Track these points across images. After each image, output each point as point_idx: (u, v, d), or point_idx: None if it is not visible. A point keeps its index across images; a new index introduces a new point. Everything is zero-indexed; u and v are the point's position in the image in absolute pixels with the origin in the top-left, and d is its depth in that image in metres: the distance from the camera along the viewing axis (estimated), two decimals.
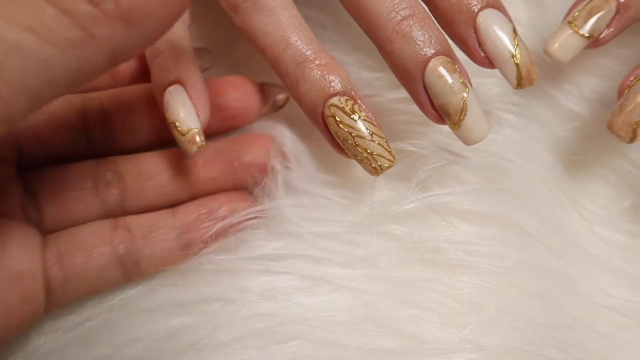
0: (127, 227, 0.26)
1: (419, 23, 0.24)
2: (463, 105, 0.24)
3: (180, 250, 0.27)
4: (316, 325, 0.26)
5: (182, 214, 0.27)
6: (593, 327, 0.27)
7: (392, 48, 0.24)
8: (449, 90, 0.24)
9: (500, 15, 0.25)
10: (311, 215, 0.28)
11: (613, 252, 0.30)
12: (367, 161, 0.25)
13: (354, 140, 0.25)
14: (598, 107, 0.32)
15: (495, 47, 0.25)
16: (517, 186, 0.30)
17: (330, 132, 0.25)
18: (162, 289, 0.27)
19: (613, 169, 0.32)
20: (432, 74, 0.24)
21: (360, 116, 0.25)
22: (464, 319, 0.26)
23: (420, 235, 0.27)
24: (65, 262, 0.25)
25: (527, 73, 0.25)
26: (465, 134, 0.25)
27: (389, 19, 0.24)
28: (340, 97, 0.25)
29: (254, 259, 0.27)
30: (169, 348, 0.25)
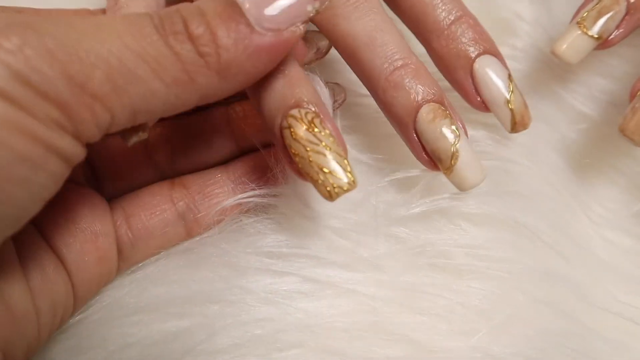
0: (183, 185, 0.27)
1: (411, 73, 0.24)
2: (454, 151, 0.24)
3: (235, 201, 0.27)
4: (319, 333, 0.25)
5: (235, 167, 0.28)
6: (604, 335, 0.27)
7: (385, 97, 0.25)
8: (439, 136, 0.24)
9: (497, 61, 0.26)
10: (317, 208, 0.26)
11: (623, 257, 0.29)
12: (321, 182, 0.22)
13: (308, 155, 0.22)
14: (607, 108, 0.31)
15: (491, 93, 0.26)
16: (524, 189, 0.29)
17: (286, 146, 0.22)
18: (156, 288, 0.26)
19: (622, 172, 0.31)
20: (423, 121, 0.24)
21: (320, 130, 0.22)
22: (473, 326, 0.25)
23: (427, 239, 0.26)
24: (132, 222, 0.26)
25: (521, 118, 0.26)
26: (458, 179, 0.25)
27: (382, 69, 0.25)
28: (300, 109, 0.22)
29: (256, 253, 0.26)
30: (162, 354, 0.24)
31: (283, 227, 0.27)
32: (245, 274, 0.26)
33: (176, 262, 0.27)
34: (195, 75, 0.20)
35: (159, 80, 0.19)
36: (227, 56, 0.20)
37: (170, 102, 0.20)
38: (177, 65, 0.19)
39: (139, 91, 0.19)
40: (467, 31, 0.26)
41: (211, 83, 0.20)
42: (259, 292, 0.25)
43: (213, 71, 0.20)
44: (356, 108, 0.31)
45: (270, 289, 0.25)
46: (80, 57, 0.18)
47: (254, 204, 0.27)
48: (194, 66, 0.19)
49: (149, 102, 0.19)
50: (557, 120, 0.31)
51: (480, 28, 0.26)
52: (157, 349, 0.25)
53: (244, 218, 0.27)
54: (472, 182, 0.25)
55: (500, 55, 0.26)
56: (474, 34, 0.26)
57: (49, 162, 0.18)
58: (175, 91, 0.19)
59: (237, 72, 0.20)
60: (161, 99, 0.19)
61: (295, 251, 0.26)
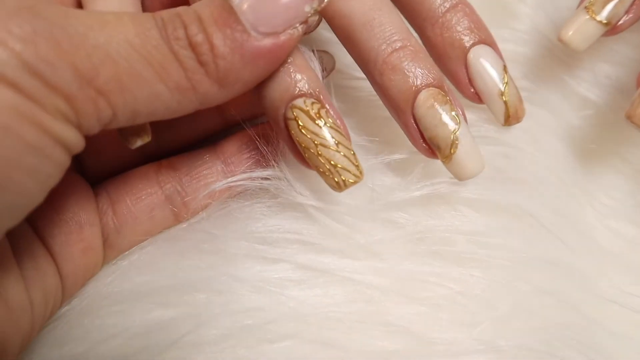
0: (171, 167, 0.27)
1: (410, 55, 0.23)
2: (454, 138, 0.23)
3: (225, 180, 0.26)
4: (313, 323, 0.23)
5: (223, 147, 0.27)
6: (609, 326, 0.26)
7: (383, 80, 0.24)
8: (438, 122, 0.23)
9: (492, 52, 0.25)
10: (310, 191, 0.25)
11: (628, 247, 0.28)
12: (329, 174, 0.22)
13: (317, 149, 0.22)
14: (613, 94, 0.30)
15: (485, 84, 0.25)
16: (527, 176, 0.28)
17: (292, 137, 0.23)
18: (141, 276, 0.24)
19: (628, 160, 0.30)
20: (421, 106, 0.23)
21: (327, 122, 0.22)
22: (475, 317, 0.24)
23: (427, 225, 0.25)
24: (117, 208, 0.26)
25: (515, 111, 0.25)
26: (457, 168, 0.24)
27: (379, 51, 0.23)
28: (305, 99, 0.22)
29: (246, 239, 0.24)
30: (147, 345, 0.23)
31: (274, 212, 0.25)
32: (234, 261, 0.24)
33: (162, 249, 0.26)
34: (197, 83, 0.20)
35: (163, 84, 0.19)
36: (224, 65, 0.20)
37: (171, 106, 0.20)
38: (180, 72, 0.20)
39: (142, 92, 0.19)
40: (463, 20, 0.25)
41: (211, 91, 0.20)
42: (248, 280, 0.24)
43: (213, 80, 0.20)
44: (352, 91, 0.29)
45: (260, 276, 0.24)
46: (88, 52, 0.18)
47: (244, 188, 0.26)
48: (195, 74, 0.20)
49: (151, 104, 0.19)
50: (560, 106, 0.31)
51: (476, 17, 0.25)
52: (142, 340, 0.23)
53: (233, 202, 0.26)
54: (471, 172, 0.24)
55: (496, 45, 0.25)
56: (470, 22, 0.25)
57: (55, 151, 0.18)
58: (177, 97, 0.20)
59: (235, 80, 0.20)
60: (163, 102, 0.20)
61: (288, 237, 0.25)
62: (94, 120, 0.19)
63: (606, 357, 0.25)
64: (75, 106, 0.18)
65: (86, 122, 0.18)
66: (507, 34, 0.31)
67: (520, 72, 0.31)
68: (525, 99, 0.30)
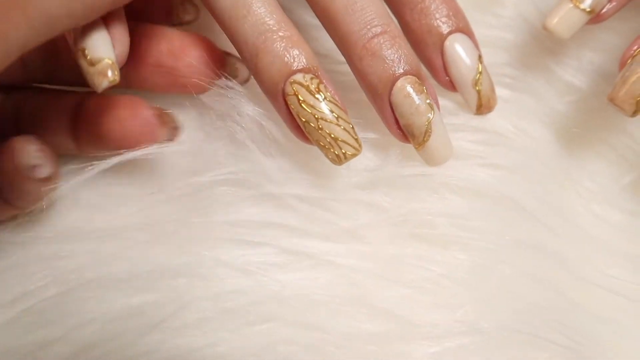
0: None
1: (390, 41, 0.24)
2: (427, 127, 0.24)
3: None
4: (295, 306, 0.23)
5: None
6: (593, 310, 0.26)
7: (362, 65, 0.24)
8: (414, 111, 0.24)
9: (468, 40, 0.25)
10: (291, 176, 0.25)
11: (612, 231, 0.28)
12: (330, 147, 0.23)
13: (318, 123, 0.23)
14: (597, 80, 0.30)
15: (459, 72, 0.25)
16: (510, 162, 0.28)
17: (291, 112, 0.23)
18: (119, 262, 0.24)
19: (611, 145, 0.30)
20: (398, 93, 0.24)
21: (326, 97, 0.23)
22: (458, 299, 0.24)
23: (410, 208, 0.25)
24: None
25: (487, 101, 0.26)
26: (428, 155, 0.25)
27: (359, 36, 0.24)
28: (304, 74, 0.23)
29: (228, 223, 0.24)
30: (126, 329, 0.23)
31: (256, 200, 0.25)
32: (216, 246, 0.24)
33: (142, 236, 0.25)
34: None
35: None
36: None
37: (89, 2, 0.19)
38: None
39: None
40: (441, 7, 0.25)
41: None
42: (231, 263, 0.24)
43: None
44: (336, 75, 0.29)
45: (243, 260, 0.24)
46: None
47: (225, 178, 0.25)
48: None
49: (69, 6, 0.18)
50: (545, 92, 0.30)
51: (454, 4, 0.26)
52: (120, 325, 0.23)
53: (215, 189, 0.25)
54: (441, 159, 0.25)
55: (473, 34, 0.26)
56: (448, 10, 0.25)
57: None
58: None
59: None
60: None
61: (270, 221, 0.24)
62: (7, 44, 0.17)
63: (589, 340, 0.25)
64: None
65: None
66: (492, 20, 0.31)
67: (505, 58, 0.30)
68: (509, 85, 0.30)
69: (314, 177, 0.25)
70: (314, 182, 0.26)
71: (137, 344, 0.22)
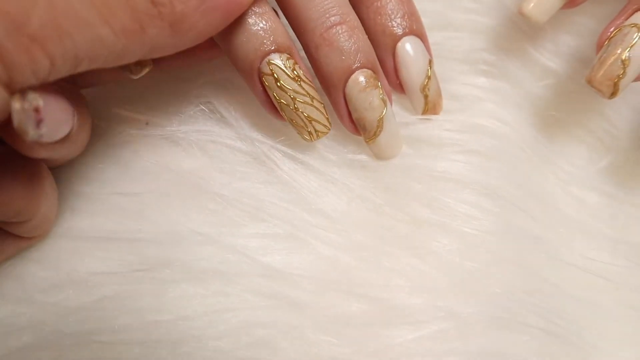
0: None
1: (348, 32, 0.23)
2: (379, 122, 0.24)
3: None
4: (274, 288, 0.23)
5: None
6: (572, 292, 0.26)
7: (318, 54, 0.24)
8: (367, 106, 0.24)
9: (420, 44, 0.25)
10: (270, 157, 0.25)
11: (589, 213, 0.28)
12: (304, 126, 0.23)
13: (294, 104, 0.23)
14: (573, 64, 0.30)
15: (409, 76, 0.26)
16: (487, 148, 0.28)
17: (266, 91, 0.23)
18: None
19: (588, 128, 0.30)
20: (353, 87, 0.24)
21: (302, 78, 0.23)
22: (435, 284, 0.24)
23: (389, 194, 0.25)
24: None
25: (433, 106, 0.27)
26: (378, 149, 0.25)
27: (318, 24, 0.23)
28: (280, 54, 0.23)
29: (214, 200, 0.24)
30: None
31: (234, 176, 0.25)
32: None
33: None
34: (147, 25, 0.18)
35: (108, 26, 0.17)
36: (181, 8, 0.19)
37: (117, 51, 0.18)
38: (128, 12, 0.18)
39: (84, 37, 0.17)
40: (397, 7, 0.25)
41: (162, 36, 0.19)
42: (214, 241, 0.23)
43: (166, 23, 0.19)
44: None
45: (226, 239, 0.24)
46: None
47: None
48: (146, 15, 0.18)
49: (94, 50, 0.17)
50: (521, 76, 0.30)
51: (411, 5, 0.26)
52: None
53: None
54: (391, 155, 0.25)
55: (426, 37, 0.26)
56: (404, 11, 0.25)
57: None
58: (124, 40, 0.18)
59: (189, 28, 0.19)
60: (108, 47, 0.18)
61: (244, 201, 0.24)
62: (29, 73, 0.16)
63: (568, 322, 0.25)
64: (5, 60, 0.16)
65: (19, 77, 0.16)
66: (470, 4, 0.31)
67: (482, 42, 0.30)
68: (486, 71, 0.30)
69: (295, 160, 0.25)
70: (296, 167, 0.26)
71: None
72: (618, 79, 0.24)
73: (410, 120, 0.27)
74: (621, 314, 0.26)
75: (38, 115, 0.17)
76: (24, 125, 0.17)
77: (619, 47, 0.24)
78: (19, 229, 0.23)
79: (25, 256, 0.24)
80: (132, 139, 0.26)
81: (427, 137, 0.27)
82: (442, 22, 0.30)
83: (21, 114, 0.17)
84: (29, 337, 0.22)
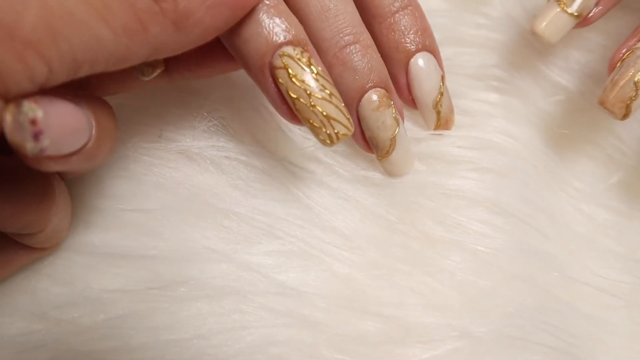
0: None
1: (361, 52, 0.23)
2: (392, 141, 0.24)
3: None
4: (288, 306, 0.23)
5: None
6: (583, 310, 0.26)
7: (332, 73, 0.23)
8: (380, 125, 0.24)
9: (433, 60, 0.26)
10: (280, 175, 0.25)
11: (600, 230, 0.29)
12: (321, 127, 0.21)
13: (310, 99, 0.21)
14: (584, 80, 0.30)
15: (421, 92, 0.26)
16: (499, 165, 0.28)
17: (279, 88, 0.21)
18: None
19: (599, 145, 0.30)
20: (366, 107, 0.24)
21: (318, 72, 0.21)
22: (449, 302, 0.24)
23: (402, 212, 0.25)
24: None
25: (445, 122, 0.27)
26: (390, 167, 0.25)
27: (331, 43, 0.23)
28: (294, 47, 0.21)
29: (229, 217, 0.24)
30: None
31: (249, 193, 0.25)
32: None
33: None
34: (148, 23, 0.17)
35: (107, 26, 0.16)
36: (185, 4, 0.18)
37: (118, 53, 0.17)
38: (128, 10, 0.17)
39: (81, 38, 0.16)
40: (410, 23, 0.25)
41: (166, 34, 0.18)
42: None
43: (169, 20, 0.18)
44: None
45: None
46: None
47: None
48: (147, 13, 0.17)
49: (94, 52, 0.16)
50: (532, 92, 0.30)
51: (424, 21, 0.26)
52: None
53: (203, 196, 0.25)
54: (403, 172, 0.26)
55: (439, 53, 0.26)
56: (417, 27, 0.25)
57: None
58: (125, 40, 0.17)
59: (195, 24, 0.18)
60: (108, 48, 0.17)
61: (259, 219, 0.24)
62: (25, 81, 0.15)
63: (579, 339, 0.25)
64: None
65: (14, 85, 0.15)
66: (481, 19, 0.31)
67: (493, 58, 0.30)
68: (497, 87, 0.30)
69: (306, 180, 0.25)
70: (305, 184, 0.26)
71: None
72: (630, 100, 0.24)
73: (422, 137, 0.27)
74: (631, 330, 0.27)
75: (35, 127, 0.16)
76: (19, 138, 0.16)
77: (632, 69, 0.24)
78: (30, 240, 0.23)
79: (38, 271, 0.24)
80: (146, 152, 0.26)
81: (440, 154, 0.27)
82: (454, 37, 0.30)
83: (14, 127, 0.16)
84: (44, 356, 0.22)
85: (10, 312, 0.24)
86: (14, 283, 0.24)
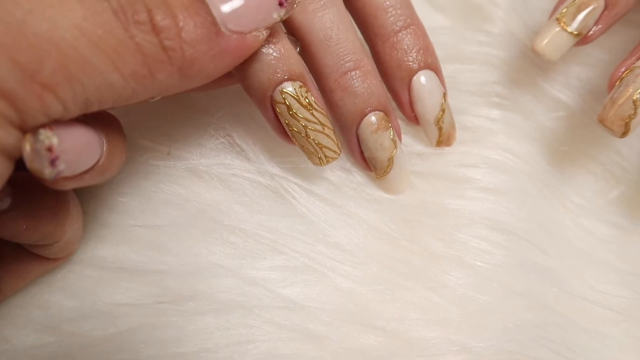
0: None
1: (362, 77, 0.25)
2: (389, 162, 0.26)
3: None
4: (292, 321, 0.24)
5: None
6: (582, 324, 0.26)
7: (333, 97, 0.25)
8: (378, 147, 0.25)
9: (435, 78, 0.26)
10: (282, 186, 0.26)
11: (599, 245, 0.29)
12: (314, 153, 0.24)
13: (306, 132, 0.23)
14: (584, 96, 0.31)
15: (423, 109, 0.27)
16: (499, 182, 0.28)
17: (278, 118, 0.24)
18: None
19: (598, 160, 0.30)
20: (365, 129, 0.25)
21: (314, 107, 0.23)
22: (450, 317, 0.24)
23: (405, 229, 0.26)
24: None
25: (447, 138, 0.28)
26: (388, 185, 0.26)
27: (333, 69, 0.25)
28: (293, 82, 0.23)
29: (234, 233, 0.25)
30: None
31: (254, 209, 0.26)
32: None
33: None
34: (156, 70, 0.19)
35: (117, 72, 0.18)
36: (191, 53, 0.19)
37: (126, 95, 0.18)
38: (138, 58, 0.18)
39: (94, 82, 0.17)
40: (413, 42, 0.26)
41: (171, 79, 0.19)
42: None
43: (175, 67, 0.19)
44: None
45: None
46: (29, 41, 0.16)
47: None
48: (155, 60, 0.18)
49: (104, 94, 0.18)
50: (533, 108, 0.31)
51: (426, 40, 0.26)
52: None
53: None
54: (400, 189, 0.27)
55: (440, 71, 0.27)
56: (419, 46, 0.26)
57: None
58: (133, 85, 0.18)
59: (198, 71, 0.19)
60: (117, 91, 0.18)
61: (264, 234, 0.25)
62: (42, 116, 0.17)
63: (579, 355, 0.25)
64: (17, 105, 0.16)
65: (32, 119, 0.17)
66: (482, 37, 0.32)
67: (494, 75, 0.31)
68: (498, 103, 0.31)
69: (313, 194, 0.26)
70: (314, 200, 0.26)
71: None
72: (629, 119, 0.24)
73: (424, 152, 0.28)
74: (630, 345, 0.27)
75: (51, 154, 0.17)
76: (38, 165, 0.17)
77: (631, 87, 0.25)
78: (44, 251, 0.24)
79: (51, 284, 0.25)
80: (155, 169, 0.27)
81: (441, 172, 0.28)
82: (456, 54, 0.31)
83: (32, 155, 0.17)
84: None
85: (23, 325, 0.24)
86: (27, 296, 0.25)
